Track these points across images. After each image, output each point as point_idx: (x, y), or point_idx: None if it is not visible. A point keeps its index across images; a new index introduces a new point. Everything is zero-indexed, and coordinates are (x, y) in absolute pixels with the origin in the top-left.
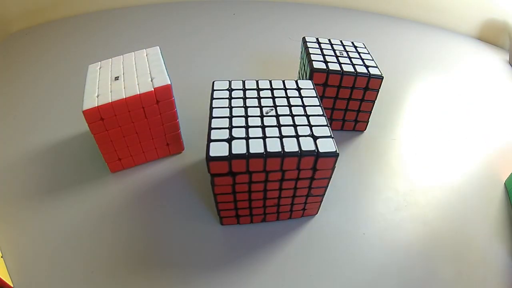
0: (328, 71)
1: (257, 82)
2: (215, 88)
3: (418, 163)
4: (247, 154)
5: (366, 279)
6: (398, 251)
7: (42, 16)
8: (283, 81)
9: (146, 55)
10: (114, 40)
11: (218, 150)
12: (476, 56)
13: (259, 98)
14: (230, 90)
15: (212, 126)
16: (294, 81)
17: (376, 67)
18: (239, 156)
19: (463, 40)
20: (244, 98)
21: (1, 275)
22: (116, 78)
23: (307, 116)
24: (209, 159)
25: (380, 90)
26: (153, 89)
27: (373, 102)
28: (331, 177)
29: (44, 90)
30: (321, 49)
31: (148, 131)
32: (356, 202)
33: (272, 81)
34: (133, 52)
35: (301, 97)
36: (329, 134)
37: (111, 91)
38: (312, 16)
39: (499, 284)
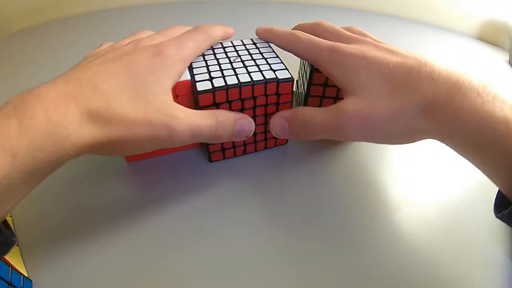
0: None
1: (221, 43)
2: None
3: (418, 162)
4: (225, 86)
5: (365, 278)
6: (398, 251)
7: (42, 16)
8: (242, 40)
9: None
10: (114, 40)
11: (204, 86)
12: (476, 56)
13: (225, 52)
14: None
15: (194, 72)
16: (250, 39)
17: None
18: (220, 88)
19: (463, 40)
20: (214, 54)
21: (16, 264)
22: None
23: (265, 59)
24: (197, 93)
25: None
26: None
27: None
28: (292, 102)
29: None
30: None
31: None
32: (355, 201)
33: (233, 41)
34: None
35: (257, 48)
36: (284, 68)
37: None
38: (313, 16)
39: (499, 284)
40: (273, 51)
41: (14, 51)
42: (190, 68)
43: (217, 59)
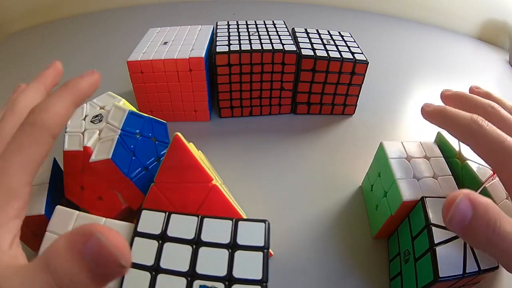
0: (315, 57)
1: (246, 21)
2: (218, 24)
3: None
4: (239, 50)
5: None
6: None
7: (42, 16)
8: (264, 20)
9: (199, 30)
10: (114, 40)
11: (222, 48)
12: (476, 56)
13: (247, 29)
14: (228, 25)
15: (217, 39)
16: (271, 21)
17: (362, 53)
18: (234, 51)
19: (463, 40)
20: (237, 28)
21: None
22: (165, 43)
23: (278, 35)
24: (216, 53)
25: (379, 89)
26: (188, 58)
27: (360, 86)
28: (296, 74)
29: None
30: (309, 38)
31: (179, 93)
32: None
33: (256, 21)
34: (189, 26)
35: (275, 27)
36: (293, 43)
37: (155, 52)
38: (312, 16)
39: (499, 284)
40: (288, 30)
41: (14, 51)
42: (215, 35)
43: (239, 33)
